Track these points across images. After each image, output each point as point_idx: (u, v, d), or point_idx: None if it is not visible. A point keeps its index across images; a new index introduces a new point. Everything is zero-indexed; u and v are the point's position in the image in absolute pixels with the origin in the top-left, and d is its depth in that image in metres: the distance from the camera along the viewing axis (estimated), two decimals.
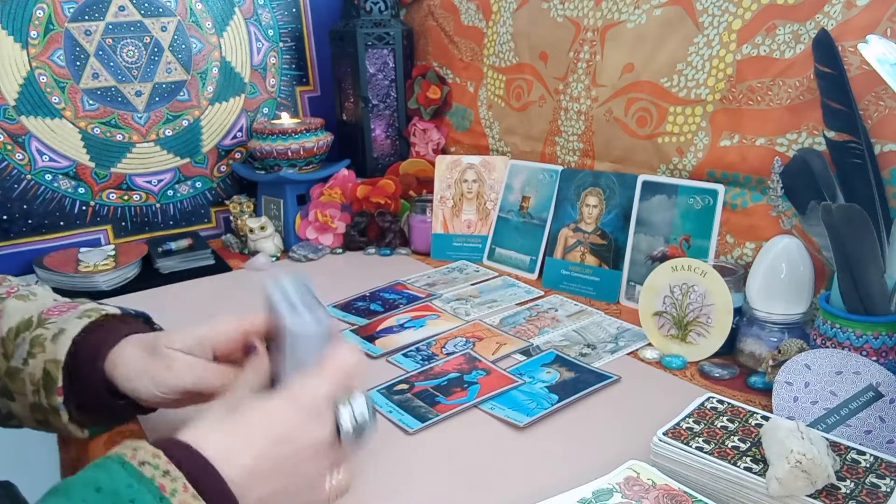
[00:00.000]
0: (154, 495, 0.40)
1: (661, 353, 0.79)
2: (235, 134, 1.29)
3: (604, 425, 0.66)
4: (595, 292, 0.96)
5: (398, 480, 0.59)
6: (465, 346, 0.81)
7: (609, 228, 0.96)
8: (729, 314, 0.76)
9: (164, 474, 0.41)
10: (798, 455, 0.49)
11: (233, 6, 1.24)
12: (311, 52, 1.35)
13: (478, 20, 1.21)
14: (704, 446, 0.55)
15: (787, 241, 0.75)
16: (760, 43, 0.81)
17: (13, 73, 1.09)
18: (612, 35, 0.98)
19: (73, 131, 1.15)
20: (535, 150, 1.12)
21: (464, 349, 0.81)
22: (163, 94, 1.20)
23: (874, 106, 0.71)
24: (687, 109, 0.89)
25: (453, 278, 1.04)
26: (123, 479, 0.41)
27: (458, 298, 0.96)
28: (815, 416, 0.61)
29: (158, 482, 0.41)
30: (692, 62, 0.88)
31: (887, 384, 0.61)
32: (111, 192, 1.20)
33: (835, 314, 0.68)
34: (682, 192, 0.89)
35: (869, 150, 0.69)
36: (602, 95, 0.99)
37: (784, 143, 0.80)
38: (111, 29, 1.14)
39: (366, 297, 0.98)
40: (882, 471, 0.52)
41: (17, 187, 1.12)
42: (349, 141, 1.34)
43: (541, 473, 0.59)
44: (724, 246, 0.86)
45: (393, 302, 0.96)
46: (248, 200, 1.25)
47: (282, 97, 1.33)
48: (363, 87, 1.26)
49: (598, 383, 0.72)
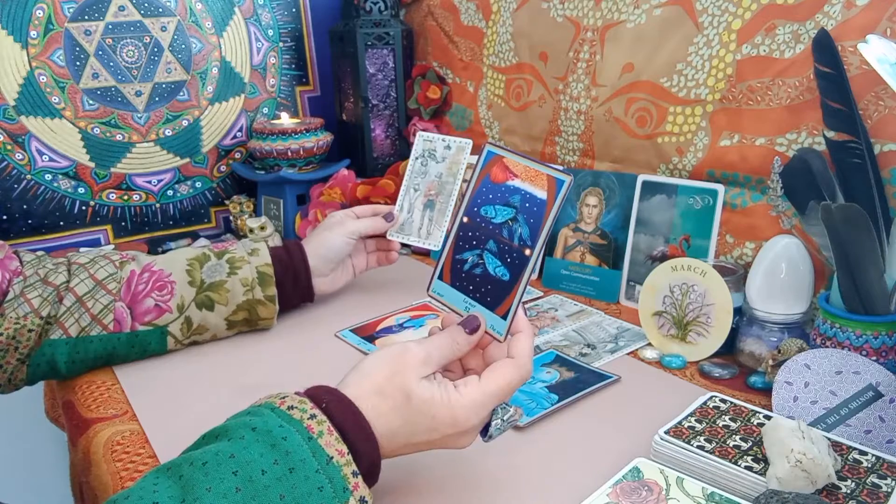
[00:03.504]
0: (303, 435, 0.45)
1: (660, 352, 0.79)
2: (235, 134, 1.29)
3: (604, 425, 0.66)
4: (595, 292, 0.96)
5: (397, 480, 0.59)
6: None
7: (609, 228, 0.96)
8: (729, 314, 0.76)
9: (311, 417, 0.47)
10: (798, 454, 0.49)
11: (233, 6, 1.24)
12: (310, 52, 1.35)
13: (478, 20, 1.21)
14: (706, 445, 0.55)
15: (786, 241, 0.75)
16: (760, 43, 0.81)
17: (13, 73, 1.09)
18: (611, 35, 0.98)
19: (73, 131, 1.15)
20: (534, 149, 1.12)
21: None
22: (163, 94, 1.20)
23: (874, 106, 0.72)
24: (687, 109, 0.89)
25: None
26: (275, 421, 0.46)
27: None
28: (815, 415, 0.61)
29: (306, 423, 0.46)
30: (692, 62, 0.88)
31: (887, 384, 0.61)
32: (111, 192, 1.20)
33: (835, 314, 0.68)
34: (682, 191, 0.89)
35: (869, 150, 0.70)
36: (602, 95, 0.99)
37: (784, 143, 0.80)
38: (111, 29, 1.14)
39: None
40: (883, 471, 0.52)
41: (16, 187, 1.12)
42: (349, 141, 1.34)
43: (541, 473, 0.59)
44: (723, 246, 0.87)
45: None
46: (248, 200, 1.25)
47: (282, 97, 1.33)
48: (363, 87, 1.26)
49: (598, 383, 0.72)
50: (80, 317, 0.75)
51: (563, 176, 0.50)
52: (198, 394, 0.73)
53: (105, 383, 0.76)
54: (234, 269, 0.82)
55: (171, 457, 0.46)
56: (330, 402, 0.48)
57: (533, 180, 0.51)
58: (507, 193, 0.53)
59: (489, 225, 0.54)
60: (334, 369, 0.54)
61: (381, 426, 0.49)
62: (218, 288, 0.81)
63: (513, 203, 0.52)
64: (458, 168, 0.90)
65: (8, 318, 0.71)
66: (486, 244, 0.54)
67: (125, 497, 0.42)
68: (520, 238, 0.51)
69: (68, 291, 0.75)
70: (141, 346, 0.79)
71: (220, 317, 0.82)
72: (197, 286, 0.80)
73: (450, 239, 0.56)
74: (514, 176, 0.53)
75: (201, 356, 0.81)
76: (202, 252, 0.83)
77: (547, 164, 0.51)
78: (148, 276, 0.79)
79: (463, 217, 0.55)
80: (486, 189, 0.54)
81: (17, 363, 0.73)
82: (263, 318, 0.85)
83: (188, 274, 0.80)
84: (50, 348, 0.74)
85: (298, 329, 0.88)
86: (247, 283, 0.82)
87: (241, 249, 0.84)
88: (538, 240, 0.50)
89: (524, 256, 0.51)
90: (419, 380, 0.50)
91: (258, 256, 0.84)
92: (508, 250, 0.52)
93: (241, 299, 0.82)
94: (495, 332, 0.53)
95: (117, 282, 0.77)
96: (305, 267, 0.87)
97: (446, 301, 0.56)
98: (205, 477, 0.42)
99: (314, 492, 0.44)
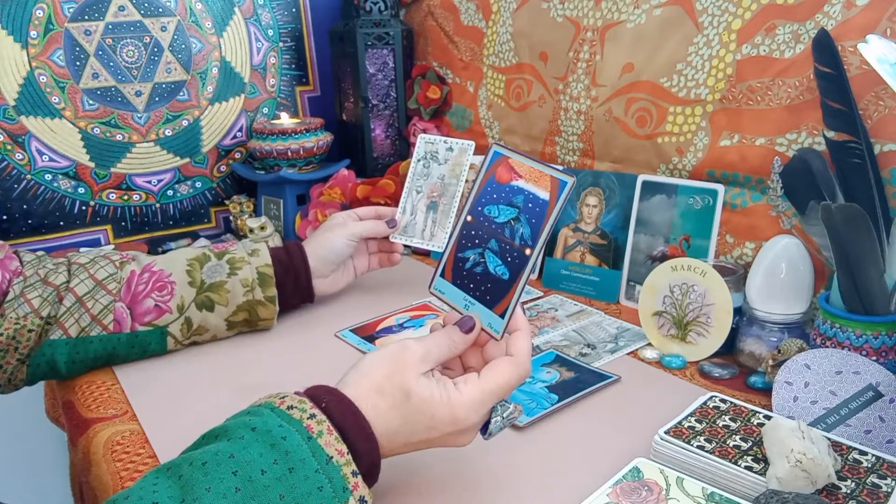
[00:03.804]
0: (302, 435, 0.45)
1: (660, 352, 0.79)
2: (235, 134, 1.29)
3: (604, 425, 0.66)
4: (595, 292, 0.96)
5: (397, 479, 0.58)
6: None
7: (609, 228, 0.96)
8: (729, 314, 0.76)
9: (310, 417, 0.47)
10: (798, 454, 0.49)
11: (233, 6, 1.24)
12: (310, 52, 1.35)
13: (478, 20, 1.21)
14: (706, 445, 0.55)
15: (786, 241, 0.75)
16: (760, 43, 0.81)
17: (13, 73, 1.09)
18: (611, 35, 0.98)
19: (73, 131, 1.15)
20: (535, 149, 1.12)
21: None
22: (163, 94, 1.20)
23: (874, 106, 0.72)
24: (687, 109, 0.89)
25: None
26: (275, 420, 0.46)
27: None
28: (815, 415, 0.61)
29: (306, 423, 0.46)
30: (692, 62, 0.88)
31: (887, 384, 0.61)
32: (111, 192, 1.20)
33: (835, 314, 0.68)
34: (682, 191, 0.89)
35: (869, 150, 0.70)
36: (602, 95, 0.99)
37: (784, 143, 0.80)
38: (111, 29, 1.14)
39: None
40: (883, 471, 0.52)
41: (16, 187, 1.12)
42: (349, 141, 1.34)
43: (541, 473, 0.59)
44: (723, 246, 0.87)
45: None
46: (248, 200, 1.25)
47: (282, 97, 1.33)
48: (363, 87, 1.26)
49: (597, 383, 0.72)
50: (80, 317, 0.75)
51: (565, 177, 0.50)
52: (198, 394, 0.73)
53: (105, 383, 0.76)
54: (234, 270, 0.82)
55: (171, 457, 0.46)
56: (329, 401, 0.48)
57: (536, 181, 0.52)
58: (511, 193, 0.53)
59: (492, 224, 0.54)
60: (334, 369, 0.54)
61: (381, 425, 0.49)
62: (218, 288, 0.81)
63: (516, 203, 0.52)
64: (462, 170, 0.91)
65: (8, 318, 0.71)
66: (488, 243, 0.54)
67: (125, 497, 0.42)
68: (521, 238, 0.52)
69: (68, 291, 0.75)
70: (141, 346, 0.79)
71: (221, 317, 0.82)
72: (197, 287, 0.80)
73: (453, 237, 0.57)
74: (518, 176, 0.53)
75: (201, 356, 0.81)
76: (202, 252, 0.83)
77: (551, 165, 0.52)
78: (148, 276, 0.79)
79: (467, 216, 0.56)
80: (491, 189, 0.55)
81: (17, 363, 0.73)
82: (263, 318, 0.85)
83: (188, 274, 0.80)
84: (50, 349, 0.74)
85: (298, 329, 0.88)
86: (247, 283, 0.82)
87: (241, 250, 0.85)
88: (539, 240, 0.51)
89: (524, 256, 0.51)
90: (418, 377, 0.50)
91: (258, 257, 0.84)
92: (509, 249, 0.52)
93: (242, 300, 0.82)
94: (492, 331, 0.53)
95: (117, 282, 0.77)
96: (306, 268, 0.87)
97: (447, 298, 0.57)
98: (204, 477, 0.42)
99: (314, 491, 0.44)
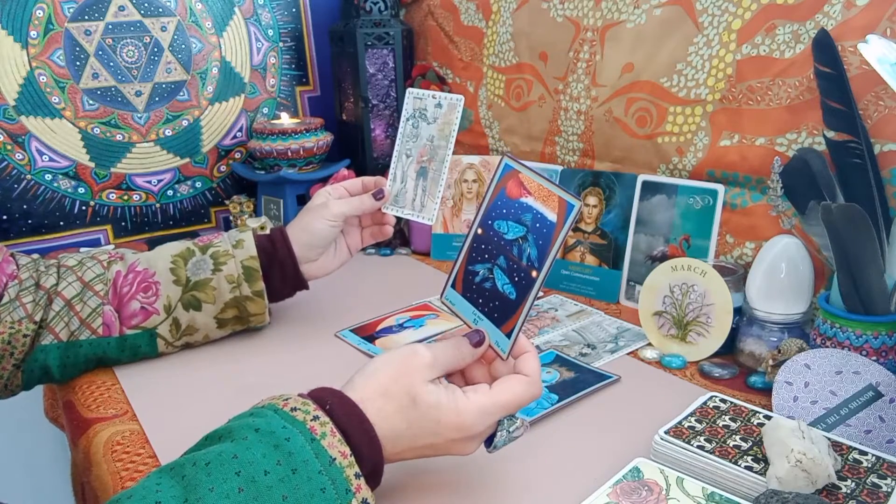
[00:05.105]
0: (306, 436, 0.46)
1: (660, 352, 0.79)
2: (235, 134, 1.29)
3: (604, 425, 0.66)
4: (595, 292, 0.96)
5: (399, 481, 0.59)
6: None
7: (609, 228, 0.96)
8: (729, 314, 0.76)
9: (314, 418, 0.47)
10: (798, 454, 0.49)
11: (233, 6, 1.24)
12: (310, 52, 1.35)
13: (478, 20, 1.21)
14: (706, 445, 0.56)
15: (786, 241, 0.75)
16: (760, 43, 0.81)
17: (13, 73, 1.08)
18: (611, 35, 0.98)
19: (73, 131, 1.15)
20: (534, 149, 1.12)
21: None
22: (163, 94, 1.20)
23: (874, 106, 0.72)
24: (687, 109, 0.89)
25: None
26: (278, 422, 0.46)
27: None
28: (815, 415, 0.61)
29: (309, 425, 0.46)
30: (692, 62, 0.88)
31: (887, 384, 0.62)
32: (111, 192, 1.20)
33: (835, 314, 0.68)
34: (682, 191, 0.89)
35: (869, 150, 0.70)
36: (602, 95, 0.99)
37: (784, 143, 0.80)
38: (111, 29, 1.14)
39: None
40: (883, 471, 0.52)
41: (16, 187, 1.12)
42: (349, 141, 1.34)
43: (541, 473, 0.59)
44: (723, 246, 0.87)
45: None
46: (248, 200, 1.25)
47: (282, 97, 1.33)
48: (363, 87, 1.26)
49: (597, 383, 0.72)
50: (69, 321, 0.74)
51: (573, 200, 0.49)
52: (198, 394, 0.73)
53: (105, 383, 0.76)
54: (218, 266, 0.79)
55: (171, 457, 0.47)
56: (333, 403, 0.48)
57: (545, 200, 0.51)
58: (520, 211, 0.53)
59: (501, 240, 0.54)
60: (334, 369, 0.55)
61: (385, 429, 0.49)
62: (204, 287, 0.79)
63: (524, 221, 0.52)
64: (451, 129, 0.85)
65: (3, 322, 0.70)
66: (496, 259, 0.54)
67: (128, 497, 0.42)
68: (528, 258, 0.51)
69: (57, 295, 0.74)
70: (131, 349, 0.78)
71: (209, 316, 0.80)
72: (182, 285, 0.78)
73: (464, 248, 0.56)
74: (527, 193, 0.52)
75: (201, 356, 0.81)
76: (186, 247, 0.81)
77: (560, 186, 0.50)
78: (132, 276, 0.77)
79: (477, 228, 0.56)
80: (501, 203, 0.54)
81: (12, 369, 0.72)
82: (254, 314, 0.82)
83: (172, 273, 0.78)
84: (42, 354, 0.73)
85: (298, 329, 0.88)
86: (232, 279, 0.79)
87: (225, 242, 0.81)
88: (545, 263, 0.50)
89: (531, 278, 0.51)
90: (425, 383, 0.50)
91: (243, 249, 0.81)
92: (517, 269, 0.52)
93: (229, 297, 0.80)
94: (499, 349, 0.53)
95: (104, 283, 0.76)
96: (291, 256, 0.82)
97: (457, 311, 0.57)
98: (207, 477, 0.42)
99: (317, 493, 0.44)
